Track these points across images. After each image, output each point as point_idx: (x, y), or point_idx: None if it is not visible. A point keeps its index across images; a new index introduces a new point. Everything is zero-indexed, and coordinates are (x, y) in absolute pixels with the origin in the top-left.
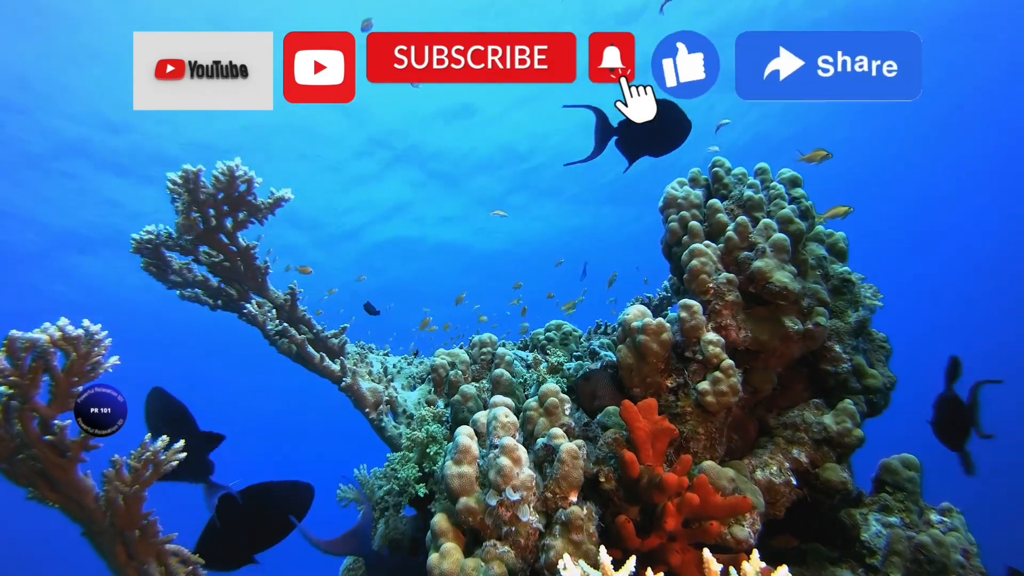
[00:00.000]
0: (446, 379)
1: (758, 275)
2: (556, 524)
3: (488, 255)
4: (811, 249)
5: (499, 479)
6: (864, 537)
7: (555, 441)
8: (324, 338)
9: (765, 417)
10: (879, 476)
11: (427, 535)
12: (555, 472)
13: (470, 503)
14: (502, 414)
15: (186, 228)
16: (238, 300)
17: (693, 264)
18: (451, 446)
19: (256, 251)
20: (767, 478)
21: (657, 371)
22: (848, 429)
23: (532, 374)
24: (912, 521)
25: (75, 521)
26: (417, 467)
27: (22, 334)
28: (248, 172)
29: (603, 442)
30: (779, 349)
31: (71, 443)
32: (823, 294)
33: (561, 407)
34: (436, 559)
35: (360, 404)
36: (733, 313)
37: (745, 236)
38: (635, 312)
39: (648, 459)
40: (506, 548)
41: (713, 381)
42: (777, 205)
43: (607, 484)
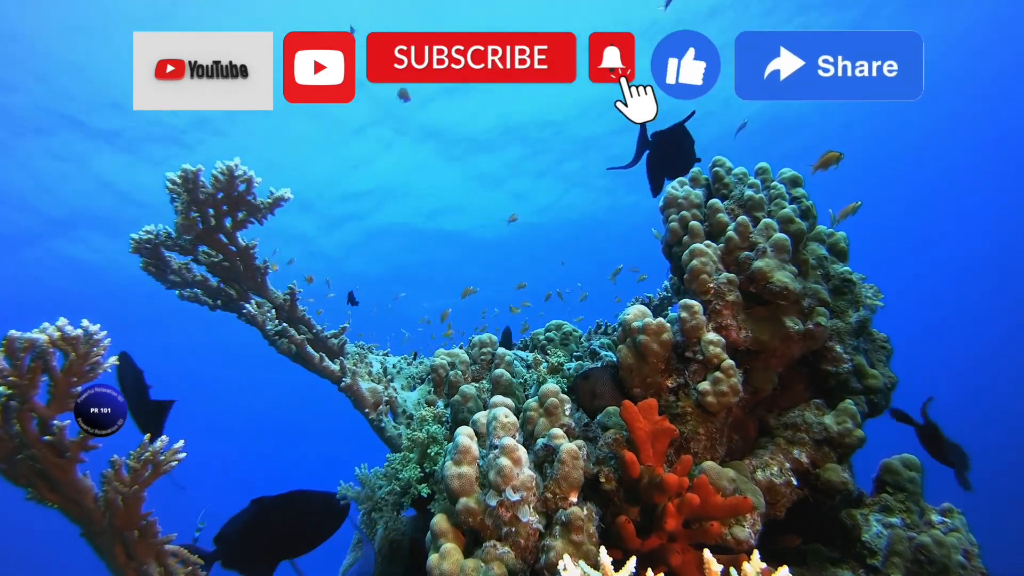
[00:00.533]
0: (446, 379)
1: (759, 275)
2: (556, 525)
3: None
4: (812, 249)
5: (499, 479)
6: (865, 538)
7: (555, 441)
8: (324, 338)
9: (766, 417)
10: (880, 476)
11: (427, 535)
12: (555, 472)
13: (470, 503)
14: (502, 414)
15: (185, 228)
16: (237, 300)
17: (694, 264)
18: (451, 446)
19: (255, 251)
20: (768, 478)
21: (657, 371)
22: (849, 429)
23: (532, 374)
24: (913, 522)
25: (74, 522)
26: (418, 467)
27: (21, 334)
28: (248, 172)
29: (603, 442)
30: (780, 349)
31: (70, 443)
32: (824, 294)
33: (561, 407)
34: (436, 560)
35: (360, 404)
36: (734, 313)
37: (746, 236)
38: (635, 312)
39: (648, 459)
40: (506, 549)
41: (714, 381)
42: (778, 205)
43: (607, 484)
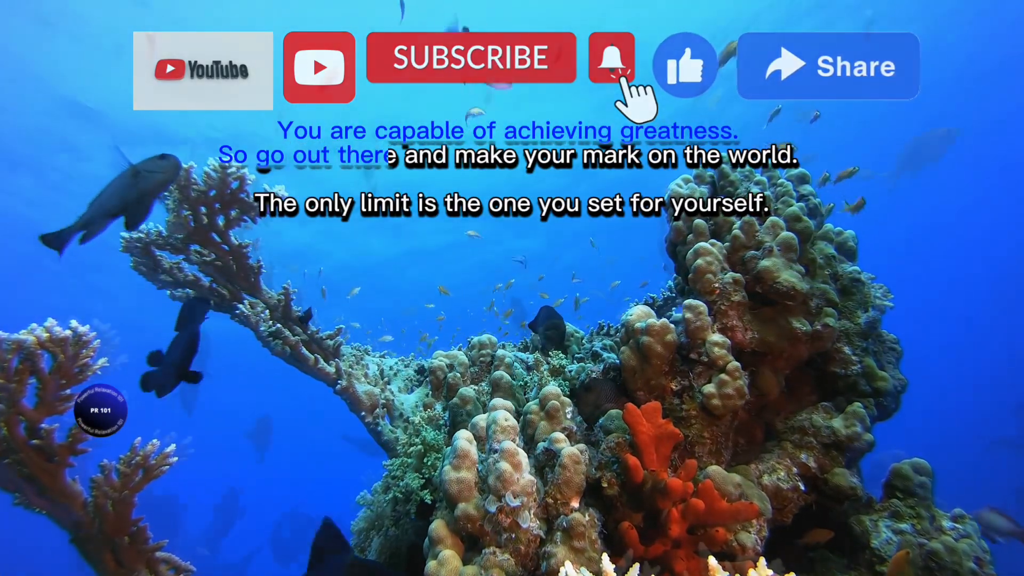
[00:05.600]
0: (444, 381)
1: (765, 275)
2: (557, 531)
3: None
4: (820, 248)
5: (499, 484)
6: (874, 544)
7: (556, 445)
8: (319, 339)
9: (772, 420)
10: (890, 481)
11: (425, 541)
12: (556, 477)
13: (469, 509)
14: (502, 417)
15: (176, 226)
16: (230, 300)
17: (698, 263)
18: (449, 450)
19: (249, 250)
20: (774, 483)
21: (661, 373)
22: (858, 433)
23: (533, 376)
24: (924, 528)
25: (63, 527)
26: (417, 475)
27: (8, 335)
28: (241, 169)
29: (606, 446)
30: (786, 351)
31: (58, 447)
32: (832, 294)
33: (562, 410)
34: (434, 567)
35: (356, 407)
36: (739, 314)
37: (752, 235)
38: (638, 313)
39: (652, 464)
40: (506, 556)
41: (719, 384)
42: (784, 203)
43: (610, 489)
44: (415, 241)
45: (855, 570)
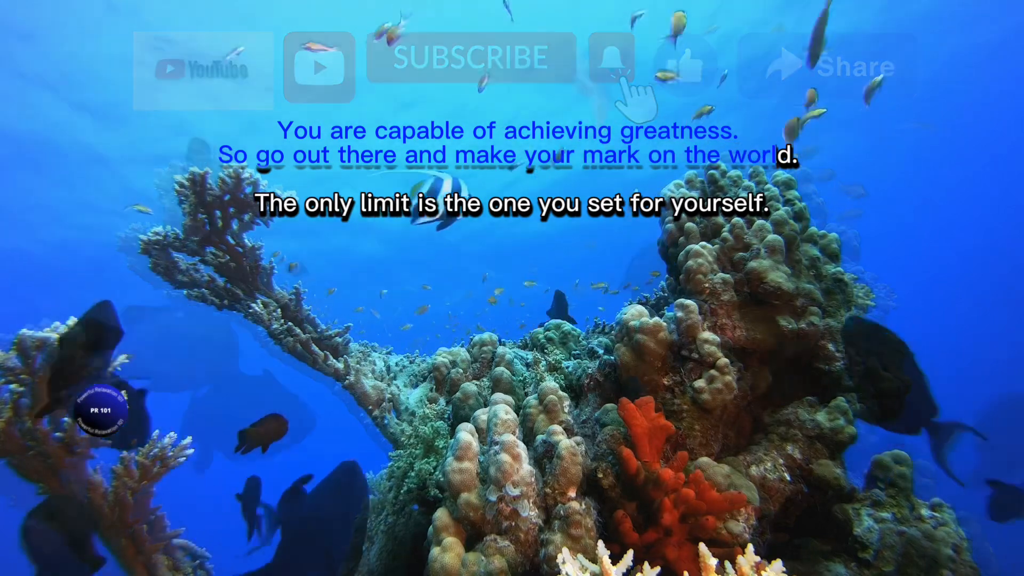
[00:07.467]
0: (447, 377)
1: (754, 275)
2: (555, 519)
3: None
4: (805, 250)
5: (499, 475)
6: (857, 532)
7: (554, 438)
8: (327, 337)
9: (760, 414)
10: (871, 472)
11: (428, 530)
12: (554, 468)
13: (471, 499)
14: (502, 412)
15: (193, 229)
16: (244, 299)
17: (690, 264)
18: (452, 443)
19: (261, 251)
20: (762, 474)
21: (655, 369)
22: (840, 426)
23: (532, 373)
24: (903, 516)
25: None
26: (425, 460)
27: (32, 333)
28: (254, 175)
29: (601, 439)
30: (774, 347)
31: (80, 440)
32: (816, 294)
33: (560, 405)
34: (437, 553)
35: (362, 402)
36: (729, 312)
37: (741, 237)
38: (633, 312)
39: (646, 456)
40: (506, 543)
41: (709, 379)
42: (772, 207)
43: (605, 480)
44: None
45: (839, 556)
